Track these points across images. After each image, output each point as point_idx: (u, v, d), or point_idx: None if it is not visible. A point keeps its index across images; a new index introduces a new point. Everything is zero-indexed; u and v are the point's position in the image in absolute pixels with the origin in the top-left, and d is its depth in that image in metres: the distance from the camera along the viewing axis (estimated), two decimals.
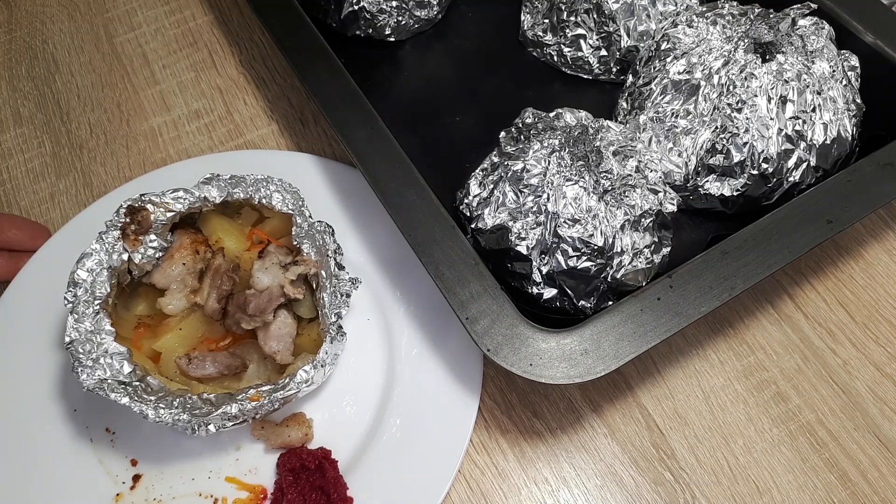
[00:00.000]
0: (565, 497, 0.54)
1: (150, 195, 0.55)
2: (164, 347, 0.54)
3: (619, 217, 0.52)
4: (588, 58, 0.70)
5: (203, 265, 0.56)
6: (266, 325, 0.53)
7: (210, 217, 0.58)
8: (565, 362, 0.47)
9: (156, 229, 0.55)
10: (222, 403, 0.49)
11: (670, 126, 0.59)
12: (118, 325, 0.54)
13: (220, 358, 0.53)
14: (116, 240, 0.54)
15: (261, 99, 0.76)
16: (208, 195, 0.56)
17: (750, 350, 0.59)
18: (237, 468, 0.54)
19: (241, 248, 0.58)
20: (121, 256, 0.54)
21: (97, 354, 0.50)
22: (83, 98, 0.76)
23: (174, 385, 0.52)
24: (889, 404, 0.57)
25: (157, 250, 0.55)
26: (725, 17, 0.59)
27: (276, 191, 0.56)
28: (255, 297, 0.53)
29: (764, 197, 0.59)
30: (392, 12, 0.72)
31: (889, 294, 0.62)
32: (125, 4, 0.84)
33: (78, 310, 0.51)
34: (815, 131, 0.57)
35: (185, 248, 0.56)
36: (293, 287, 0.53)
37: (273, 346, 0.53)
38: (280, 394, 0.49)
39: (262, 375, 0.54)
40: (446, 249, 0.52)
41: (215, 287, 0.54)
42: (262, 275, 0.54)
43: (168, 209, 0.55)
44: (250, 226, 0.59)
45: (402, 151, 0.57)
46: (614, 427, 0.56)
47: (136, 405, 0.49)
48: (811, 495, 0.54)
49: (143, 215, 0.54)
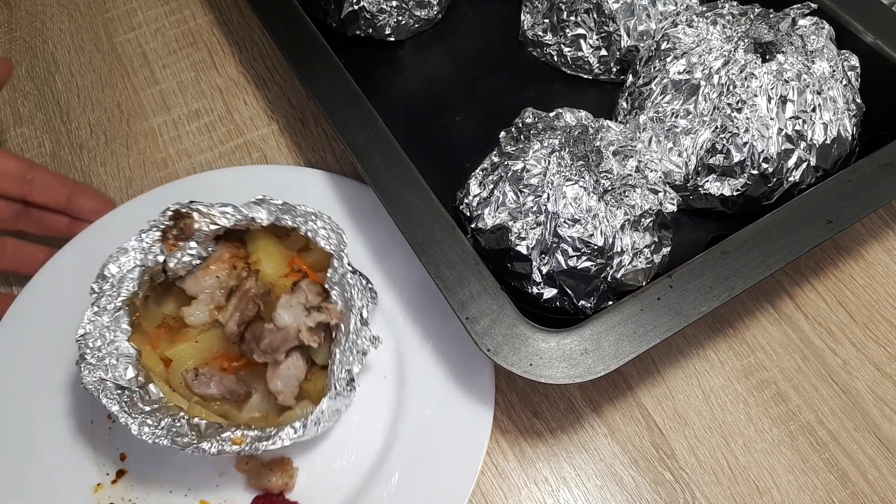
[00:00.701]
0: (565, 497, 0.54)
1: (199, 204, 0.54)
2: (177, 356, 0.54)
3: (619, 217, 0.52)
4: (588, 58, 0.70)
5: (235, 283, 0.55)
6: (276, 363, 0.52)
7: (258, 234, 0.56)
8: (565, 362, 0.47)
9: (198, 237, 0.54)
10: (206, 437, 0.48)
11: (670, 126, 0.59)
12: (144, 319, 0.54)
13: (225, 381, 0.53)
14: (155, 241, 0.53)
15: (261, 99, 0.76)
16: (257, 216, 0.54)
17: (750, 350, 0.59)
18: (214, 495, 0.53)
19: (278, 273, 0.56)
20: (156, 258, 0.53)
21: (105, 353, 0.50)
22: (83, 98, 0.76)
23: (175, 397, 0.52)
24: (889, 404, 0.57)
25: (193, 258, 0.55)
26: (725, 16, 0.59)
27: (323, 227, 0.54)
28: (272, 333, 0.52)
29: (764, 197, 0.59)
30: (392, 12, 0.72)
31: (889, 294, 0.62)
32: (125, 4, 0.84)
33: (100, 303, 0.51)
34: (815, 131, 0.57)
35: (223, 262, 0.55)
36: (310, 334, 0.51)
37: (278, 386, 0.52)
38: (264, 444, 0.48)
39: (262, 409, 0.53)
40: (446, 249, 0.52)
41: (239, 310, 0.53)
42: (285, 312, 0.52)
43: (213, 221, 0.54)
44: (296, 250, 0.57)
45: (402, 151, 0.57)
46: (614, 427, 0.56)
47: (124, 416, 0.48)
48: (811, 495, 0.54)
49: (188, 223, 0.54)
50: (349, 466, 0.54)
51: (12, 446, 0.55)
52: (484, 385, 0.55)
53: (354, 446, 0.55)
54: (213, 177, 0.67)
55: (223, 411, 0.53)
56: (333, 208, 0.64)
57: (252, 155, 0.72)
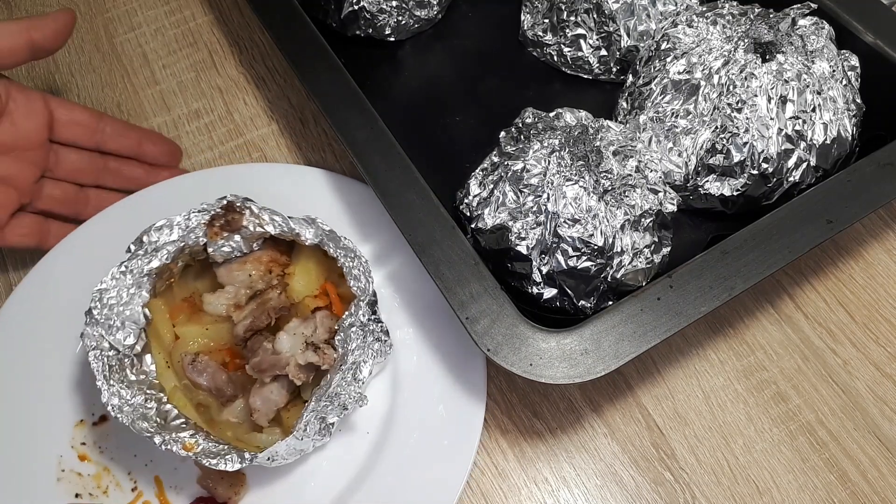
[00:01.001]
0: (565, 497, 0.54)
1: (253, 204, 0.54)
2: (185, 335, 0.54)
3: (619, 217, 0.52)
4: (588, 58, 0.70)
5: (262, 288, 0.55)
6: (262, 383, 0.52)
7: (304, 248, 0.56)
8: (565, 362, 0.47)
9: (244, 233, 0.54)
10: (164, 431, 0.49)
11: (670, 126, 0.59)
12: (177, 286, 0.55)
13: (217, 377, 0.53)
14: (200, 224, 0.54)
15: (261, 99, 0.76)
16: (303, 233, 0.54)
17: (750, 350, 0.59)
18: (170, 475, 0.54)
19: (308, 291, 0.56)
20: (197, 239, 0.54)
21: (115, 312, 0.51)
22: (83, 98, 0.76)
23: (167, 375, 0.52)
24: (889, 404, 0.57)
25: (233, 251, 0.55)
26: (725, 16, 0.59)
27: (357, 268, 0.53)
28: (266, 353, 0.52)
29: (764, 197, 0.59)
30: (392, 12, 0.72)
31: (889, 294, 0.62)
32: (125, 4, 0.84)
33: (130, 264, 0.52)
34: (815, 131, 0.57)
35: (260, 263, 0.56)
36: (297, 370, 0.51)
37: (256, 404, 0.52)
38: (211, 461, 0.48)
39: (241, 417, 0.53)
40: (446, 249, 0.52)
41: (253, 316, 0.53)
42: (287, 338, 0.52)
43: (260, 225, 0.54)
44: (336, 275, 0.56)
45: (402, 151, 0.57)
46: (614, 427, 0.56)
47: (101, 379, 0.49)
48: (811, 495, 0.54)
49: (236, 217, 0.54)
50: (305, 499, 0.53)
51: (23, 369, 0.57)
52: (473, 419, 0.54)
53: (319, 481, 0.53)
54: (216, 174, 0.67)
55: (207, 403, 0.53)
56: (333, 207, 0.64)
57: (252, 155, 0.72)
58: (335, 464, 0.54)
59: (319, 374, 0.52)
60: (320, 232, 0.54)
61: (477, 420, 0.53)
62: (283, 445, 0.48)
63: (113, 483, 0.54)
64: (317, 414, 0.48)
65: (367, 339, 0.50)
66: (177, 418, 0.51)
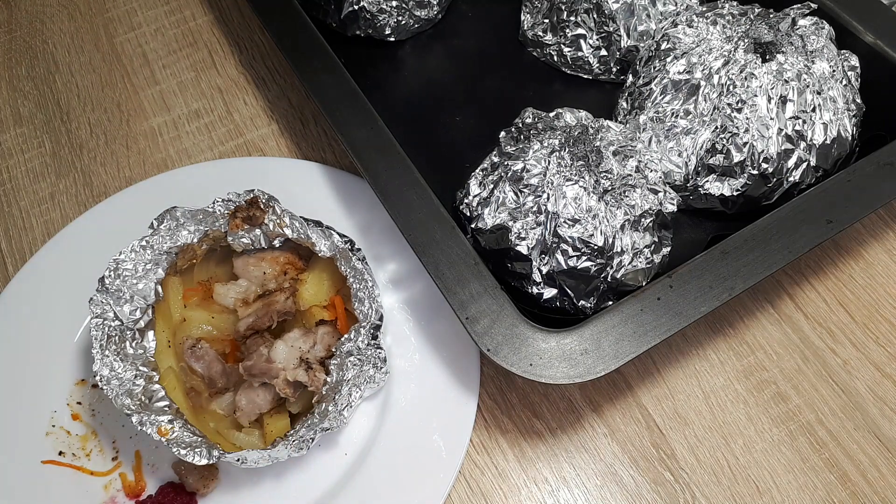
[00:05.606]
0: (565, 497, 0.54)
1: (277, 204, 0.55)
2: (191, 318, 0.55)
3: (619, 217, 0.52)
4: (588, 58, 0.70)
5: (273, 288, 0.55)
6: (251, 385, 0.52)
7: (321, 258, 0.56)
8: (565, 362, 0.47)
9: (265, 229, 0.55)
10: (143, 411, 0.49)
11: (670, 126, 0.59)
12: (199, 268, 0.56)
13: (214, 367, 0.53)
14: (223, 213, 0.55)
15: (261, 99, 0.76)
16: (318, 244, 0.54)
17: (750, 350, 0.59)
18: (150, 455, 0.55)
19: (318, 300, 0.56)
20: (219, 228, 0.55)
21: (127, 284, 0.51)
22: (83, 98, 0.76)
23: (167, 354, 0.53)
24: (889, 404, 0.57)
25: (252, 243, 0.56)
26: (725, 17, 0.59)
27: (364, 290, 0.53)
28: (259, 358, 0.52)
29: (764, 197, 0.59)
30: (392, 12, 0.72)
31: (889, 294, 0.62)
32: (125, 4, 0.84)
33: (151, 239, 0.53)
34: (815, 131, 0.57)
35: (277, 262, 0.56)
36: (284, 384, 0.51)
37: (241, 402, 0.52)
38: (181, 451, 0.47)
39: (227, 410, 0.53)
40: (446, 249, 0.52)
41: (257, 315, 0.54)
42: (283, 348, 0.52)
43: (280, 225, 0.55)
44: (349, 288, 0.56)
45: (402, 151, 0.57)
46: (614, 427, 0.56)
47: (96, 347, 0.49)
48: (811, 495, 0.54)
49: (258, 214, 0.55)
50: (275, 500, 0.52)
51: (39, 323, 0.58)
52: (463, 427, 0.54)
53: (293, 487, 0.53)
54: (213, 167, 0.68)
55: (198, 389, 0.53)
56: (331, 202, 0.64)
57: (252, 155, 0.72)
58: (311, 475, 0.53)
59: (308, 392, 0.52)
60: (335, 247, 0.54)
61: (459, 452, 0.53)
62: (256, 453, 0.48)
63: (97, 448, 0.55)
64: (296, 438, 0.48)
65: (363, 366, 0.51)
66: (161, 401, 0.50)
